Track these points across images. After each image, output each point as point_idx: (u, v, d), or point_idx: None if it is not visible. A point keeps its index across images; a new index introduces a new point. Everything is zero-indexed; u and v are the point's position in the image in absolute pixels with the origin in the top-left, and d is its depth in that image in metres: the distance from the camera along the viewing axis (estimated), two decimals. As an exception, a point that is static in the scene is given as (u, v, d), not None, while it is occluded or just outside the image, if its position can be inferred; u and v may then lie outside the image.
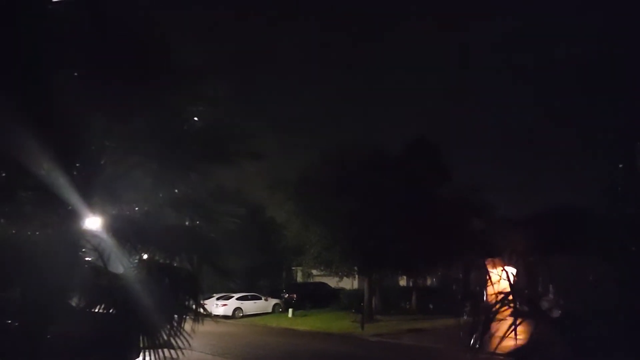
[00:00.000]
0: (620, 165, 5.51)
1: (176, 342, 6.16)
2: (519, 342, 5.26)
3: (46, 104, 5.08)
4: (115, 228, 6.07)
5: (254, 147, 6.75)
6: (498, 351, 5.13)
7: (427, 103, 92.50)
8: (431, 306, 30.79)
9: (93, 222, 6.22)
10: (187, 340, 6.21)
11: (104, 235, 6.24)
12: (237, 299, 31.36)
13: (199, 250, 6.38)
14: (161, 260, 6.43)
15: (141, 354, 6.58)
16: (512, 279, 5.49)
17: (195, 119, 6.59)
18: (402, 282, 35.16)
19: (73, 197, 5.79)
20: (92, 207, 6.05)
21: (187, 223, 6.63)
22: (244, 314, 31.29)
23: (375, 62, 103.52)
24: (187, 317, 6.38)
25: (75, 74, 5.12)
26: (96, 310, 6.15)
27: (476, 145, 78.92)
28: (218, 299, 30.74)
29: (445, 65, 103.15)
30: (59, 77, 5.07)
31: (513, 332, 5.10)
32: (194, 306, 6.60)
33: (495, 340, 5.14)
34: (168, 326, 6.20)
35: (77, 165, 5.85)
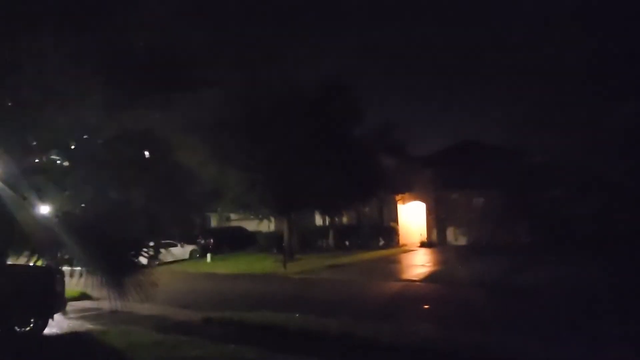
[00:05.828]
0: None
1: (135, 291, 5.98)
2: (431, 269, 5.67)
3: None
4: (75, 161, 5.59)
5: (207, 73, 6.40)
6: (411, 278, 5.53)
7: (341, 34, 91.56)
8: (347, 243, 32.05)
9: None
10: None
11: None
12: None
13: (157, 183, 6.06)
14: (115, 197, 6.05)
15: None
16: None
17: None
18: (319, 221, 36.03)
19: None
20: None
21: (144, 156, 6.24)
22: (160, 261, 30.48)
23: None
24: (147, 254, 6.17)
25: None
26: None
27: (388, 77, 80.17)
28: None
29: None
30: None
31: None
32: (151, 244, 6.37)
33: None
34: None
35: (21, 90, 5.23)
